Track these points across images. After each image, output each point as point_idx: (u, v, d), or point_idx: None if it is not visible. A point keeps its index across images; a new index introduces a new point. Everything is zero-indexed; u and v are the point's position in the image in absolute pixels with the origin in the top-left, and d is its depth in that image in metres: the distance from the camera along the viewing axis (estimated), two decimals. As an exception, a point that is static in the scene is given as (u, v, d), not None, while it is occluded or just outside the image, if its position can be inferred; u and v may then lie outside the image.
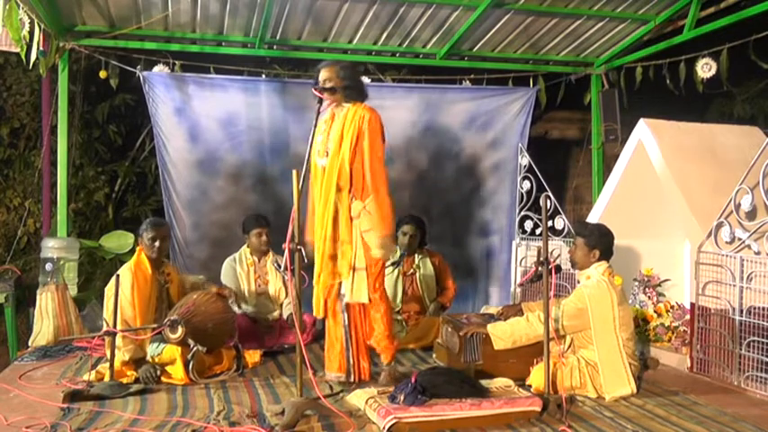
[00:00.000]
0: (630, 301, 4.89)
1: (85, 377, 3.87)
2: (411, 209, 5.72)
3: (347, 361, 3.86)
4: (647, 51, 6.22)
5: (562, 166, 8.82)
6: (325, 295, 3.86)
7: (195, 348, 3.95)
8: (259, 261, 5.08)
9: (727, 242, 4.11)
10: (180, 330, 3.88)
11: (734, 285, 4.00)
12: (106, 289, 4.03)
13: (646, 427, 3.19)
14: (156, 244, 4.18)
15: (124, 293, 3.95)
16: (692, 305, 4.28)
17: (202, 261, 5.85)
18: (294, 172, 3.30)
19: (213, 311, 4.12)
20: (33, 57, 4.87)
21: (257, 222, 5.05)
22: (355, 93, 3.82)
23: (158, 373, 3.87)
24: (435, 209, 6.41)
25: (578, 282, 4.02)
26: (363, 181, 3.74)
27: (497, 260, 6.64)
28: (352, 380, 3.85)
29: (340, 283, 3.83)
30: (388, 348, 3.90)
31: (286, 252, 3.21)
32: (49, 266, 5.30)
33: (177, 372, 3.90)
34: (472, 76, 6.59)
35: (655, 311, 4.81)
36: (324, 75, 3.76)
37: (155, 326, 3.96)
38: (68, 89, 5.75)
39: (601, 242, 3.90)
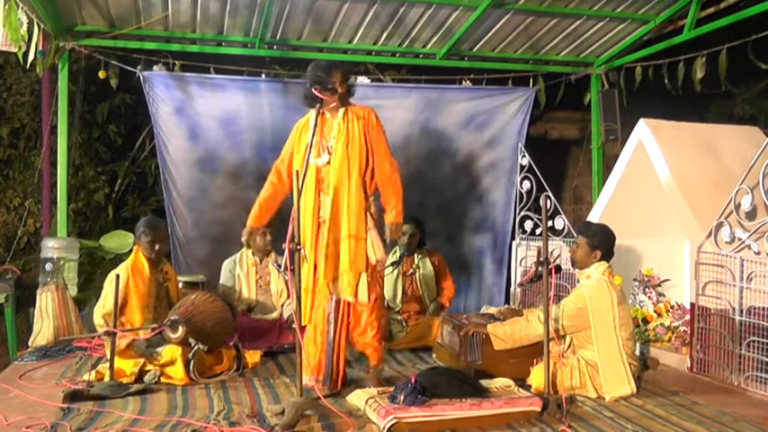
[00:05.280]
0: (630, 301, 4.89)
1: (85, 377, 3.87)
2: (407, 206, 5.72)
3: (327, 366, 3.71)
4: (647, 51, 6.23)
5: (562, 166, 8.82)
6: (316, 300, 3.73)
7: (196, 347, 3.95)
8: (261, 262, 5.08)
9: (727, 242, 4.11)
10: (180, 330, 3.88)
11: (734, 285, 4.00)
12: (105, 284, 4.06)
13: (646, 427, 3.19)
14: (156, 247, 4.21)
15: (105, 299, 3.96)
16: (692, 305, 4.28)
17: (202, 258, 5.90)
18: (294, 172, 3.30)
19: (212, 311, 4.13)
20: (32, 57, 4.87)
21: None
22: (350, 95, 3.84)
23: (159, 375, 3.88)
24: (431, 206, 6.42)
25: (578, 281, 4.02)
26: (372, 179, 3.77)
27: (491, 257, 6.70)
28: (330, 385, 3.70)
29: (331, 285, 3.72)
30: (378, 351, 3.83)
31: (286, 252, 3.21)
32: (48, 266, 5.30)
33: (177, 372, 3.89)
34: (472, 76, 6.59)
35: (655, 311, 4.81)
36: (334, 77, 3.69)
37: (155, 326, 3.96)
38: (68, 89, 5.76)
39: (603, 243, 3.90)
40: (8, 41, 4.83)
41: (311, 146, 3.56)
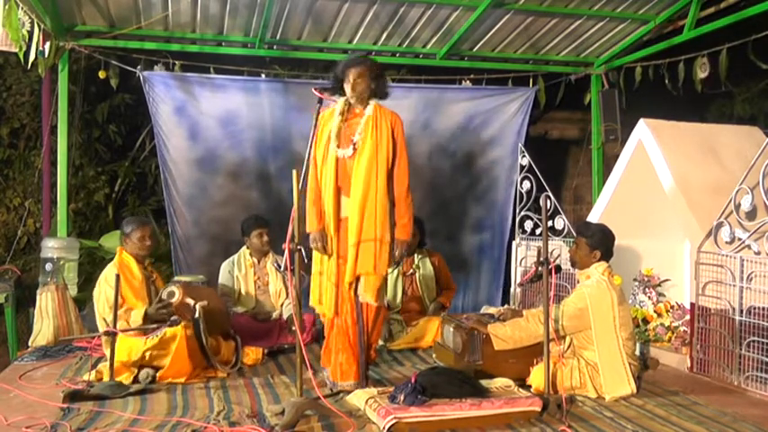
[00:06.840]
0: (630, 301, 4.89)
1: (85, 377, 3.87)
2: None
3: (363, 367, 3.72)
4: (647, 51, 6.23)
5: (562, 166, 8.83)
6: (340, 293, 3.68)
7: (198, 306, 3.94)
8: (259, 262, 5.08)
9: (727, 242, 4.11)
10: (177, 293, 3.93)
11: (734, 285, 4.00)
12: (95, 293, 4.10)
13: (646, 427, 3.19)
14: (147, 243, 4.25)
15: (107, 296, 3.96)
16: (692, 305, 4.28)
17: (202, 257, 5.93)
18: (294, 172, 3.29)
19: (205, 292, 4.22)
20: (32, 57, 4.87)
21: (257, 223, 5.05)
22: (382, 90, 3.77)
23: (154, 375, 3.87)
24: (430, 205, 6.44)
25: (578, 282, 4.02)
26: (393, 183, 3.72)
27: (489, 255, 6.74)
28: (364, 386, 3.69)
29: (355, 283, 3.68)
30: (374, 350, 3.97)
31: (286, 252, 3.20)
32: (48, 266, 5.31)
33: (177, 344, 3.83)
34: (472, 76, 6.60)
35: (655, 311, 4.81)
36: (358, 71, 3.65)
37: (155, 325, 3.95)
38: (68, 89, 5.77)
39: (603, 243, 3.90)
40: (8, 41, 4.83)
41: (311, 145, 3.51)
